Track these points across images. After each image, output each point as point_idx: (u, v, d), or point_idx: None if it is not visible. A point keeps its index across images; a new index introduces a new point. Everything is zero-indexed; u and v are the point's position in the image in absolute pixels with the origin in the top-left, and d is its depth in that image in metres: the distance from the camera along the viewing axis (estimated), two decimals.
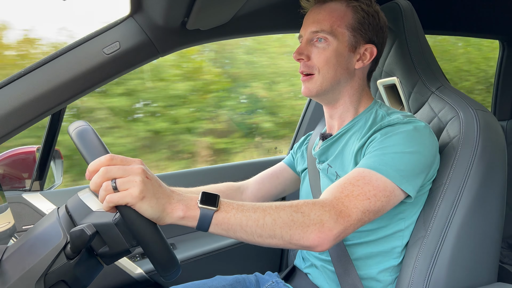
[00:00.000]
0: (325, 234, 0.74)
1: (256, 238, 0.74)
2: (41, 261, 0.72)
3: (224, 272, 1.25)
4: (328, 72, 0.98)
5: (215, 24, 1.20)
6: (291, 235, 0.73)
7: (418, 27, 1.12)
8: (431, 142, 0.91)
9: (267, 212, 0.73)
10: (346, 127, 1.03)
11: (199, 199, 0.72)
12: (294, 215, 0.74)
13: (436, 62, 1.16)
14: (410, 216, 0.97)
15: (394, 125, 0.91)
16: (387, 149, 0.87)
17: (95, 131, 0.76)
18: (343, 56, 0.98)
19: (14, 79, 0.98)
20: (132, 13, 1.09)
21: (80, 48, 1.04)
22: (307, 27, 1.00)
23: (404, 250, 0.98)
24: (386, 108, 1.03)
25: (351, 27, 0.98)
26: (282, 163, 1.31)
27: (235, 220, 0.72)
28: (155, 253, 0.70)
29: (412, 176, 0.86)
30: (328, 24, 0.97)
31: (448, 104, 1.04)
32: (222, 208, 0.73)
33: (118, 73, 1.09)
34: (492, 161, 0.95)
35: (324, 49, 0.98)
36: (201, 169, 1.79)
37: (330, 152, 1.06)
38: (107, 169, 0.67)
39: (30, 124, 1.01)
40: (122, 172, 0.67)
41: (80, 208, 0.80)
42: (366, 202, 0.79)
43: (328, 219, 0.75)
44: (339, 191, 0.80)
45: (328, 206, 0.76)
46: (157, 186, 0.70)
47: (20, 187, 1.43)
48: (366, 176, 0.83)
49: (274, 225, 0.73)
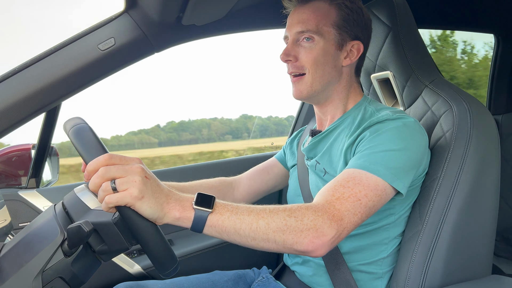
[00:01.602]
0: (320, 240, 0.74)
1: (249, 241, 0.74)
2: (38, 258, 0.72)
3: (221, 268, 1.26)
4: (317, 72, 0.98)
5: (211, 20, 1.19)
6: (285, 240, 0.73)
7: (411, 21, 1.12)
8: (421, 138, 0.92)
9: (260, 216, 0.73)
10: (335, 123, 1.04)
11: (194, 200, 0.72)
12: (288, 219, 0.73)
13: (429, 56, 1.16)
14: (399, 211, 0.97)
15: (383, 121, 0.91)
16: (377, 147, 0.87)
17: (92, 128, 0.76)
18: (330, 54, 0.98)
19: (8, 76, 0.98)
20: (127, 9, 1.08)
21: (74, 44, 1.04)
22: (292, 27, 1.00)
23: (392, 242, 0.99)
24: (375, 105, 1.03)
25: (336, 25, 0.98)
26: (274, 158, 1.31)
27: (229, 223, 0.72)
28: (155, 252, 0.70)
29: (403, 173, 0.86)
30: (313, 23, 0.97)
31: (441, 97, 1.05)
32: (216, 210, 0.72)
33: (114, 70, 1.09)
34: (485, 154, 0.96)
35: (311, 48, 0.98)
36: (195, 165, 1.80)
37: (318, 149, 1.06)
38: (106, 169, 0.67)
39: (25, 121, 1.00)
40: (121, 172, 0.67)
41: (77, 205, 0.80)
42: (357, 204, 0.79)
43: (321, 224, 0.74)
44: (330, 194, 0.80)
45: (321, 211, 0.76)
46: (156, 186, 0.70)
47: (16, 185, 1.43)
48: (356, 176, 0.83)
49: (268, 229, 0.72)
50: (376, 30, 1.13)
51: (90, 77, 1.05)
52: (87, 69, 1.03)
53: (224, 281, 1.14)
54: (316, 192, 1.02)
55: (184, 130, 7.32)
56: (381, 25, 1.12)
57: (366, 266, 0.99)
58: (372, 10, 1.14)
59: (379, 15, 1.12)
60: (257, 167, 1.29)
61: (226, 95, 15.24)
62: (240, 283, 1.17)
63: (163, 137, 6.95)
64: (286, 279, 1.15)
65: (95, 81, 1.07)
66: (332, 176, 0.97)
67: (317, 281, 1.04)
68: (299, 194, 1.12)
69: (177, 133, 7.12)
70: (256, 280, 1.16)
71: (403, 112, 0.96)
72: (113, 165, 0.68)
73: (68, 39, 1.04)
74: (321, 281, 1.03)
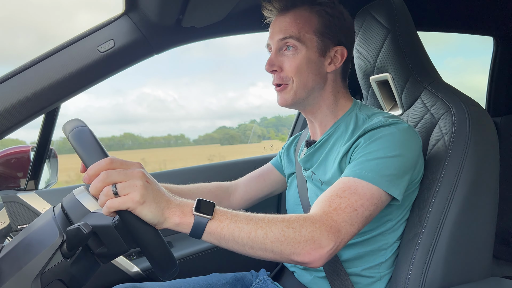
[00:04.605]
0: (317, 252, 0.74)
1: (247, 249, 0.74)
2: (37, 260, 0.72)
3: (220, 270, 1.25)
4: (301, 80, 0.98)
5: (210, 22, 1.19)
6: (282, 250, 0.73)
7: (410, 23, 1.12)
8: (415, 143, 0.92)
9: (259, 225, 0.73)
10: (328, 132, 1.03)
11: (194, 205, 0.72)
12: (286, 230, 0.73)
13: (428, 58, 1.16)
14: (396, 216, 0.97)
15: (377, 128, 0.91)
16: (371, 154, 0.87)
17: (92, 132, 0.76)
18: (313, 62, 0.98)
19: (7, 78, 0.98)
20: (126, 11, 1.08)
21: (74, 46, 1.04)
22: (274, 35, 1.00)
23: (390, 247, 0.99)
24: (366, 111, 1.03)
25: (318, 31, 0.97)
26: (270, 164, 1.31)
27: (228, 231, 0.72)
28: (154, 255, 0.70)
29: (398, 179, 0.86)
30: (295, 30, 0.97)
31: (440, 99, 1.05)
32: (216, 217, 0.72)
33: (113, 71, 1.09)
34: (484, 156, 0.96)
35: (294, 56, 0.97)
36: (194, 168, 1.79)
37: (314, 160, 1.06)
38: (107, 174, 0.67)
39: (24, 123, 1.00)
40: (122, 176, 0.67)
41: (76, 207, 0.80)
42: (354, 214, 0.79)
43: (319, 236, 0.74)
44: (327, 205, 0.79)
45: (318, 223, 0.76)
46: (157, 190, 0.70)
47: (15, 187, 1.43)
48: (352, 185, 0.82)
49: (265, 238, 0.73)
50: (375, 32, 1.14)
51: (89, 78, 1.05)
52: (87, 71, 1.03)
53: (222, 283, 1.14)
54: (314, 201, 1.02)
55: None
56: (380, 27, 1.12)
57: (366, 271, 0.99)
58: (370, 12, 1.15)
59: (378, 17, 1.12)
60: (253, 173, 1.29)
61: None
62: (238, 286, 1.16)
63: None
64: (285, 280, 1.15)
65: (95, 82, 1.07)
66: (329, 186, 0.97)
67: (317, 284, 1.04)
68: (299, 204, 1.12)
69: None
70: (254, 283, 1.16)
71: (396, 117, 0.96)
72: (114, 169, 0.68)
73: (67, 40, 1.04)
74: (320, 284, 1.03)
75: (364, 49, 1.19)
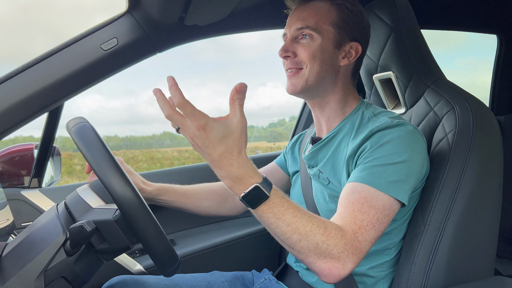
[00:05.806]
0: (338, 271, 0.76)
1: (276, 238, 0.78)
2: (41, 257, 0.72)
3: (222, 268, 1.26)
4: (314, 67, 0.98)
5: (213, 20, 1.19)
6: (307, 255, 0.76)
7: (413, 22, 1.12)
8: (421, 145, 0.92)
9: (297, 231, 0.75)
10: (335, 130, 1.03)
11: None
12: (320, 245, 0.75)
13: (432, 56, 1.16)
14: (401, 217, 0.98)
15: (383, 130, 0.90)
16: (379, 160, 0.87)
17: (94, 128, 0.76)
18: (328, 52, 0.98)
19: (11, 76, 0.98)
20: (129, 9, 1.08)
21: (77, 44, 1.04)
22: (292, 24, 1.00)
23: (395, 246, 0.99)
24: (372, 109, 1.03)
25: (335, 24, 0.98)
26: (274, 163, 1.31)
27: (267, 221, 0.75)
28: (155, 250, 0.71)
29: (406, 184, 0.86)
30: (313, 20, 0.97)
31: (443, 98, 1.05)
32: (268, 203, 0.74)
33: (116, 70, 1.09)
34: (488, 155, 0.96)
35: (309, 44, 0.98)
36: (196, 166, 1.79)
37: (319, 157, 1.05)
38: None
39: (28, 121, 1.00)
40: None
41: (80, 204, 0.80)
42: (373, 231, 0.80)
43: (345, 258, 0.76)
44: (353, 222, 0.80)
45: (348, 244, 0.77)
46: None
47: (19, 184, 1.43)
48: (368, 196, 0.83)
49: (297, 243, 0.75)
50: (378, 31, 1.13)
51: (92, 77, 1.05)
52: (90, 69, 1.04)
53: (221, 281, 1.14)
54: (319, 200, 1.02)
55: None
56: (383, 26, 1.12)
57: (370, 270, 0.99)
58: (374, 11, 1.14)
59: (381, 15, 1.12)
60: None
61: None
62: (237, 285, 1.16)
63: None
64: (289, 280, 1.15)
65: (98, 81, 1.07)
66: (336, 186, 0.97)
67: (321, 284, 1.04)
68: (303, 202, 1.11)
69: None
70: (258, 282, 1.16)
71: (401, 118, 0.96)
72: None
73: (71, 39, 1.04)
74: (325, 284, 1.03)
75: (367, 47, 1.19)
